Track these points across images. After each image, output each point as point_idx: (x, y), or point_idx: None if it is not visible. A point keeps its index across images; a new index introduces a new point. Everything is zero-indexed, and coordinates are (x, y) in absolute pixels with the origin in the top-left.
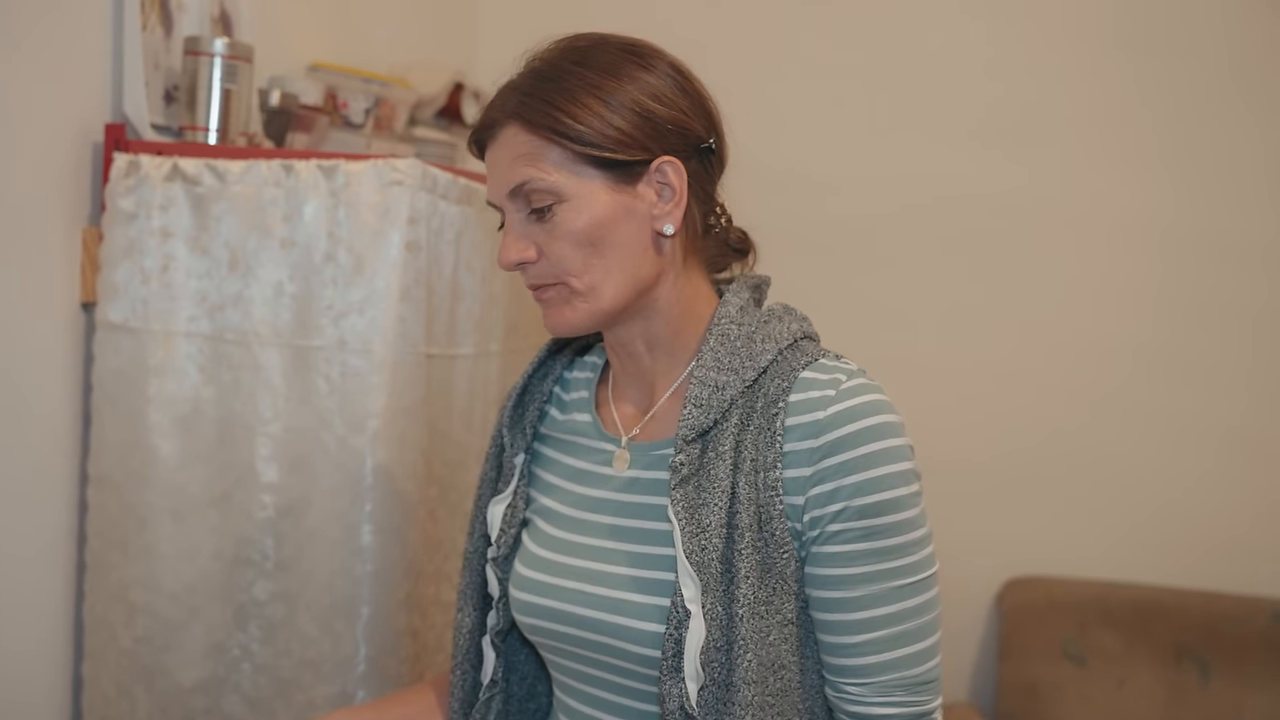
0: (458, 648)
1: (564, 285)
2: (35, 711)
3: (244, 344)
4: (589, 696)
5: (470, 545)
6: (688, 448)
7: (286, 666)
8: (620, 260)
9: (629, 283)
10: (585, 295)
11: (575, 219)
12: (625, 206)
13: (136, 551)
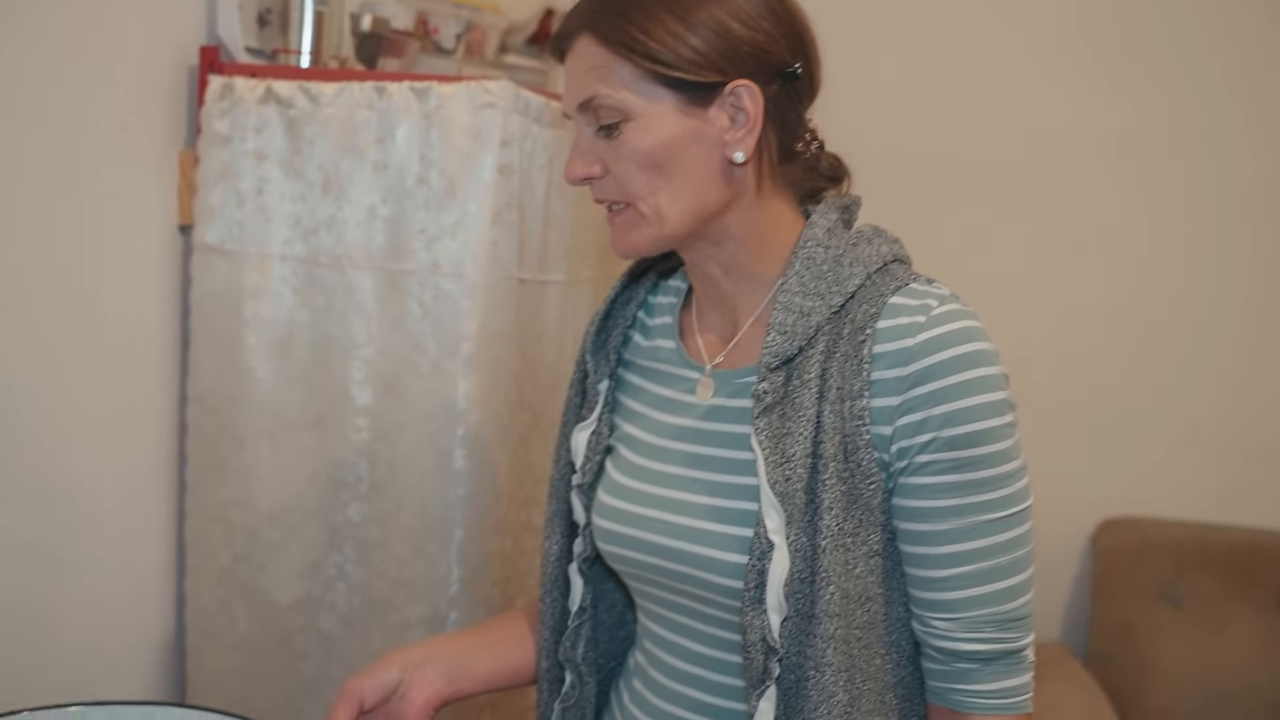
0: (546, 575)
1: (631, 207)
2: (143, 625)
3: (337, 267)
4: (672, 623)
5: (556, 472)
6: (771, 375)
7: (380, 587)
8: (686, 186)
9: (694, 209)
10: (649, 219)
11: (641, 140)
12: (694, 130)
13: (234, 472)
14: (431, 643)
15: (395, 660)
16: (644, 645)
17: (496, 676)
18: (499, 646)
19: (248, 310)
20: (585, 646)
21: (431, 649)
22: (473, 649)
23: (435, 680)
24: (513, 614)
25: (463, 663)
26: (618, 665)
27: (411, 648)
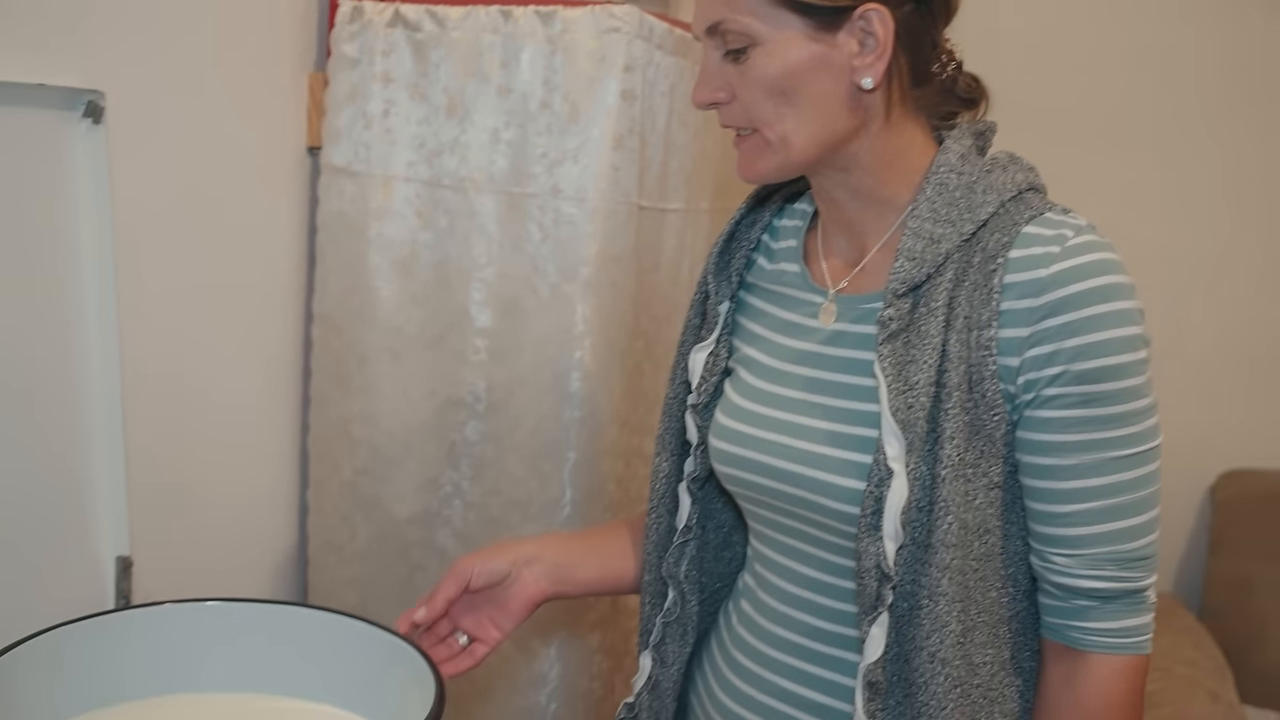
0: (654, 492)
1: (757, 133)
2: (268, 533)
3: (460, 190)
4: (785, 547)
5: (671, 391)
6: (897, 302)
7: (495, 505)
8: (813, 112)
9: (821, 136)
10: (775, 146)
11: (768, 65)
12: (822, 56)
13: (356, 388)
14: (544, 541)
15: (508, 551)
16: (754, 569)
17: (600, 583)
18: (606, 555)
19: (372, 231)
20: (689, 565)
21: (543, 547)
22: (582, 553)
23: (542, 579)
24: (620, 524)
25: (571, 565)
26: (723, 586)
27: (524, 542)
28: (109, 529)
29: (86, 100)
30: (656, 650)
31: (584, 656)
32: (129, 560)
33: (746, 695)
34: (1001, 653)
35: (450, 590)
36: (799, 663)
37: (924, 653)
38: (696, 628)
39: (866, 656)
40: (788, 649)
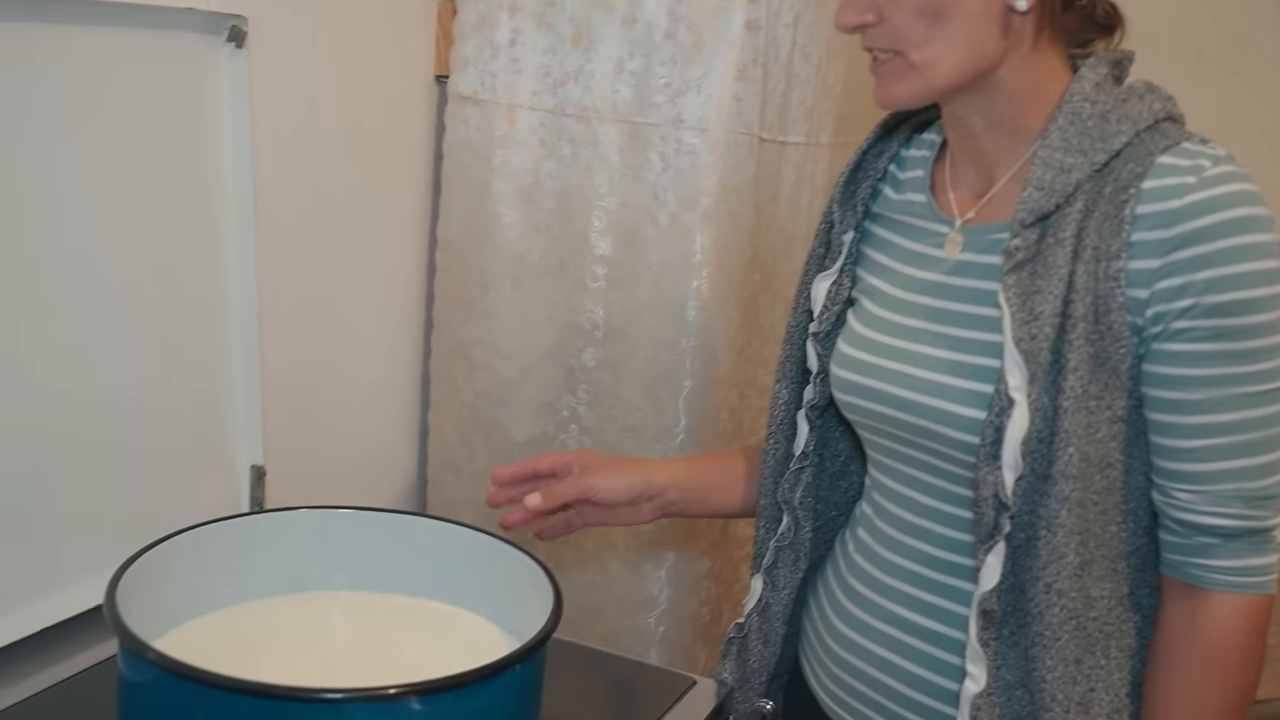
0: (773, 418)
1: (901, 57)
2: (390, 453)
3: (584, 119)
4: (904, 476)
5: (792, 320)
6: (1024, 232)
7: (610, 430)
8: (963, 35)
9: (969, 60)
10: (920, 69)
11: None
12: None
13: (478, 313)
14: (670, 470)
15: (633, 479)
16: (872, 497)
17: (714, 512)
18: (725, 485)
19: (496, 159)
20: (804, 491)
21: (669, 479)
22: (702, 487)
23: (658, 510)
24: (731, 452)
25: (688, 501)
26: (837, 515)
27: (651, 470)
28: (245, 440)
29: (230, 25)
30: (768, 573)
31: (693, 582)
32: (262, 470)
33: (861, 621)
34: (1119, 588)
35: (569, 496)
36: (915, 590)
37: (1040, 583)
38: (809, 554)
39: (981, 585)
40: (904, 576)
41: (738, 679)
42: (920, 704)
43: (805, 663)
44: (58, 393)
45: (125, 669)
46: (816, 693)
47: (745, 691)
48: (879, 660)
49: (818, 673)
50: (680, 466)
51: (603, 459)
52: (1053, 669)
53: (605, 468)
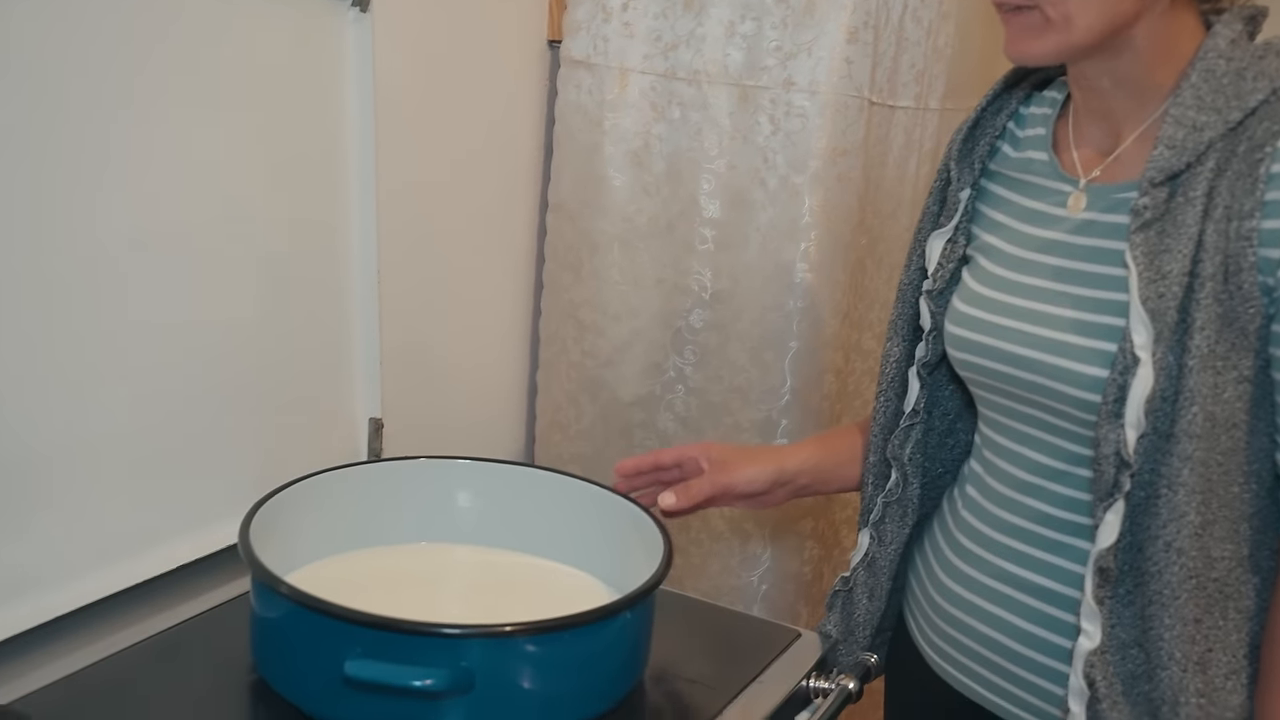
0: (884, 376)
1: (1037, 11)
2: (500, 411)
3: (694, 82)
4: (1018, 434)
5: (905, 277)
6: (1154, 191)
7: (716, 391)
8: None
9: (1106, 17)
10: (1057, 25)
11: None
12: None
13: (587, 275)
14: (801, 456)
15: (767, 469)
16: (983, 455)
17: (845, 486)
18: (853, 460)
19: (607, 122)
20: (913, 448)
21: (801, 465)
22: (831, 469)
23: (789, 494)
24: (849, 427)
25: (817, 483)
26: (945, 472)
27: (786, 457)
28: (363, 393)
29: None
30: (875, 528)
31: (796, 541)
32: (380, 422)
33: (969, 577)
34: (1240, 549)
35: (706, 494)
36: (1026, 548)
37: (1159, 542)
38: (917, 510)
39: (1099, 543)
40: (1015, 534)
41: (842, 632)
42: (1030, 660)
43: (910, 618)
44: (192, 349)
45: (257, 603)
46: (922, 648)
47: (849, 645)
48: (988, 616)
49: (924, 628)
50: (810, 450)
51: (729, 451)
52: (1170, 628)
53: (737, 462)
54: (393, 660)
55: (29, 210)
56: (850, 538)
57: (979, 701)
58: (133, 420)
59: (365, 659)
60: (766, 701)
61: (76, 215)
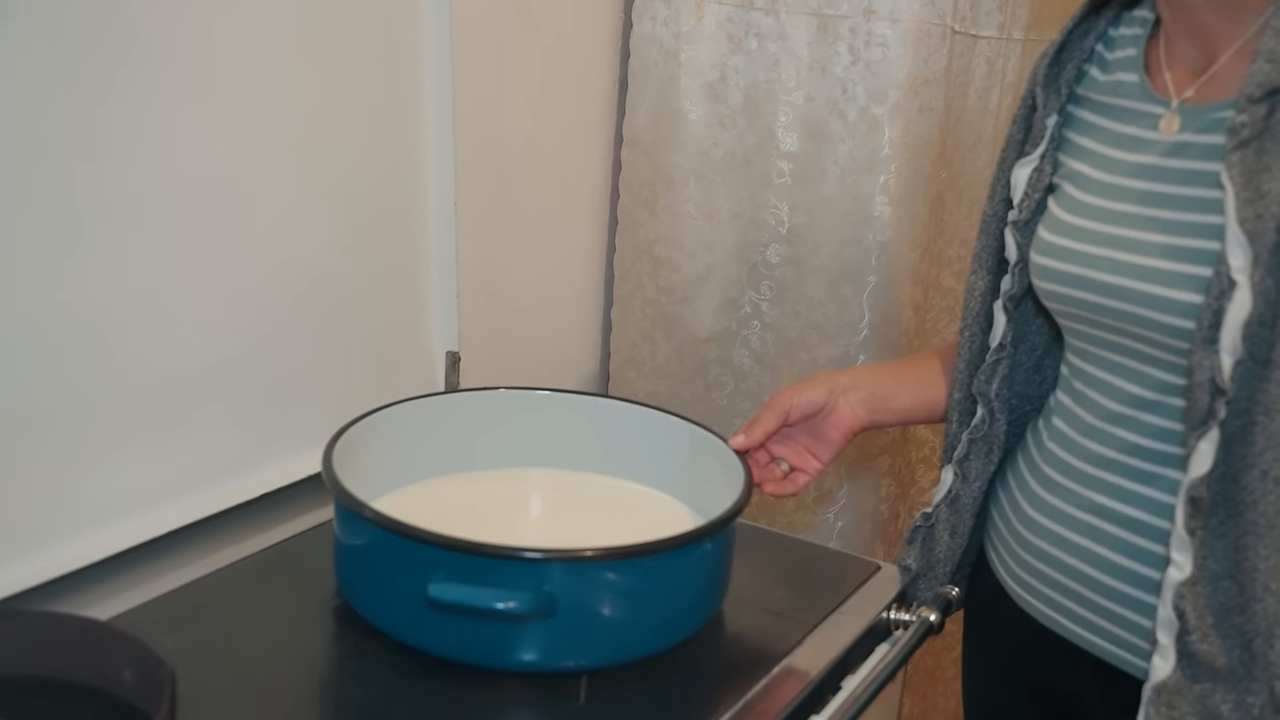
0: (968, 310)
1: None
2: (574, 349)
3: (772, 12)
4: (1108, 363)
5: (989, 209)
6: (1252, 108)
7: (793, 327)
8: None
9: None
10: None
11: None
12: None
13: (662, 209)
14: (857, 371)
15: (823, 382)
16: (1071, 386)
17: (914, 411)
18: (919, 384)
19: (683, 54)
20: (1000, 383)
21: (858, 377)
22: (896, 383)
23: (859, 408)
24: (927, 354)
25: (886, 395)
26: (1031, 409)
27: (839, 373)
28: (441, 326)
29: None
30: (960, 465)
31: (873, 479)
32: (456, 355)
33: (1056, 510)
34: None
35: (769, 423)
36: (1116, 478)
37: (1255, 470)
38: (1003, 446)
39: (1191, 472)
40: (1105, 465)
41: (922, 567)
42: (1118, 591)
43: (992, 552)
44: (276, 284)
45: (341, 528)
46: (1004, 581)
47: (928, 580)
48: (1075, 548)
49: (1006, 561)
50: (869, 368)
51: None
52: (1266, 559)
53: (795, 386)
54: (476, 583)
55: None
56: (927, 476)
57: (1063, 634)
58: (220, 353)
59: (448, 582)
60: (846, 633)
61: (167, 145)
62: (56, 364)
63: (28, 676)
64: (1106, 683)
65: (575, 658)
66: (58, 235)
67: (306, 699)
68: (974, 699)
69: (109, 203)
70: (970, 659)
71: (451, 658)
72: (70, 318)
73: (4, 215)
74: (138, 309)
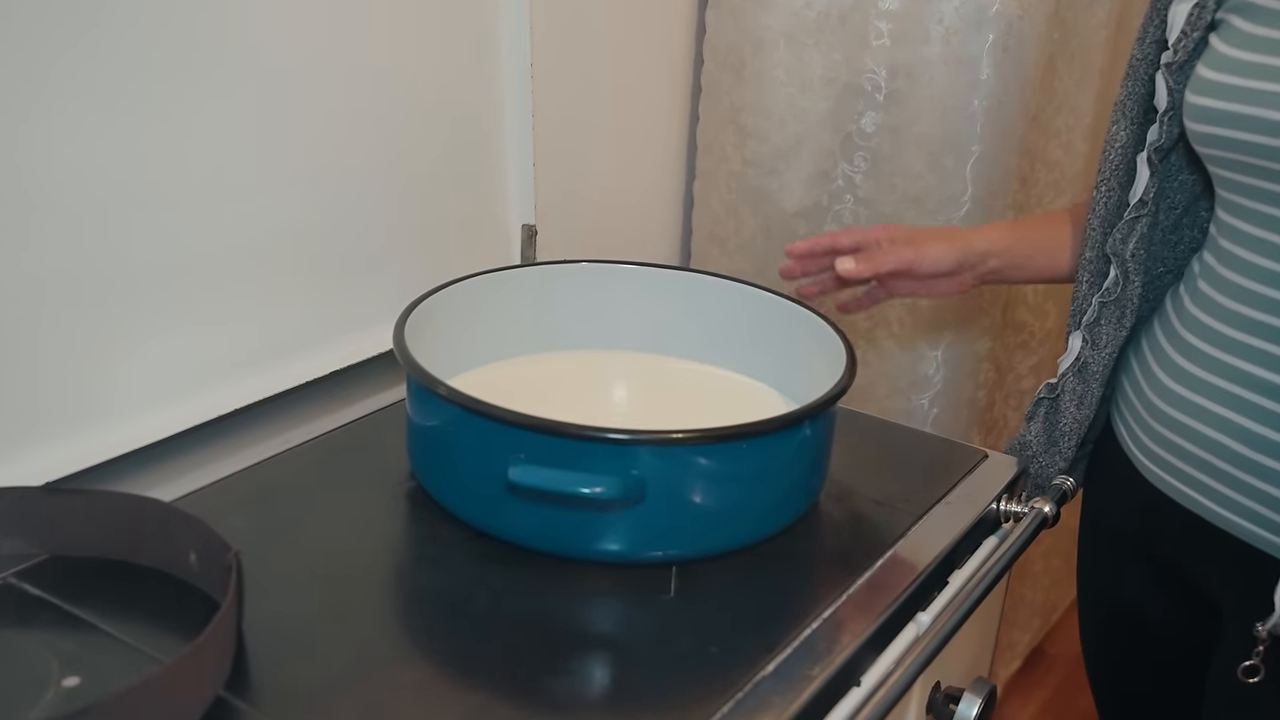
0: (1107, 162)
1: None
2: (655, 225)
3: None
4: (1264, 218)
5: (1139, 52)
6: None
7: (889, 201)
8: None
9: None
10: None
11: None
12: None
13: (749, 75)
14: (992, 236)
15: (956, 246)
16: (1219, 245)
17: (1037, 276)
18: (1050, 248)
19: None
20: (1137, 242)
21: (991, 245)
22: (1027, 253)
23: (978, 278)
24: (1056, 212)
25: (1012, 266)
26: (1166, 271)
27: (973, 235)
28: (517, 199)
29: None
30: (1089, 330)
31: (971, 363)
32: (533, 229)
33: (1196, 378)
34: None
35: (889, 265)
36: (1264, 343)
37: None
38: (1135, 311)
39: None
40: (1252, 329)
41: (1044, 443)
42: (1262, 466)
43: (1120, 424)
44: (348, 157)
45: (414, 407)
46: (1134, 456)
47: (1050, 456)
48: (1216, 419)
49: (1136, 434)
50: (1002, 232)
51: (914, 229)
52: None
53: (923, 239)
54: (559, 467)
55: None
56: (1025, 362)
57: (1199, 512)
58: (289, 223)
59: (530, 465)
60: (955, 524)
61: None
62: (119, 231)
63: (89, 558)
64: (1244, 563)
65: (664, 547)
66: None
67: (378, 586)
68: (1091, 579)
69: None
70: (1089, 538)
71: (532, 546)
72: (132, 183)
73: (70, 76)
74: (204, 176)
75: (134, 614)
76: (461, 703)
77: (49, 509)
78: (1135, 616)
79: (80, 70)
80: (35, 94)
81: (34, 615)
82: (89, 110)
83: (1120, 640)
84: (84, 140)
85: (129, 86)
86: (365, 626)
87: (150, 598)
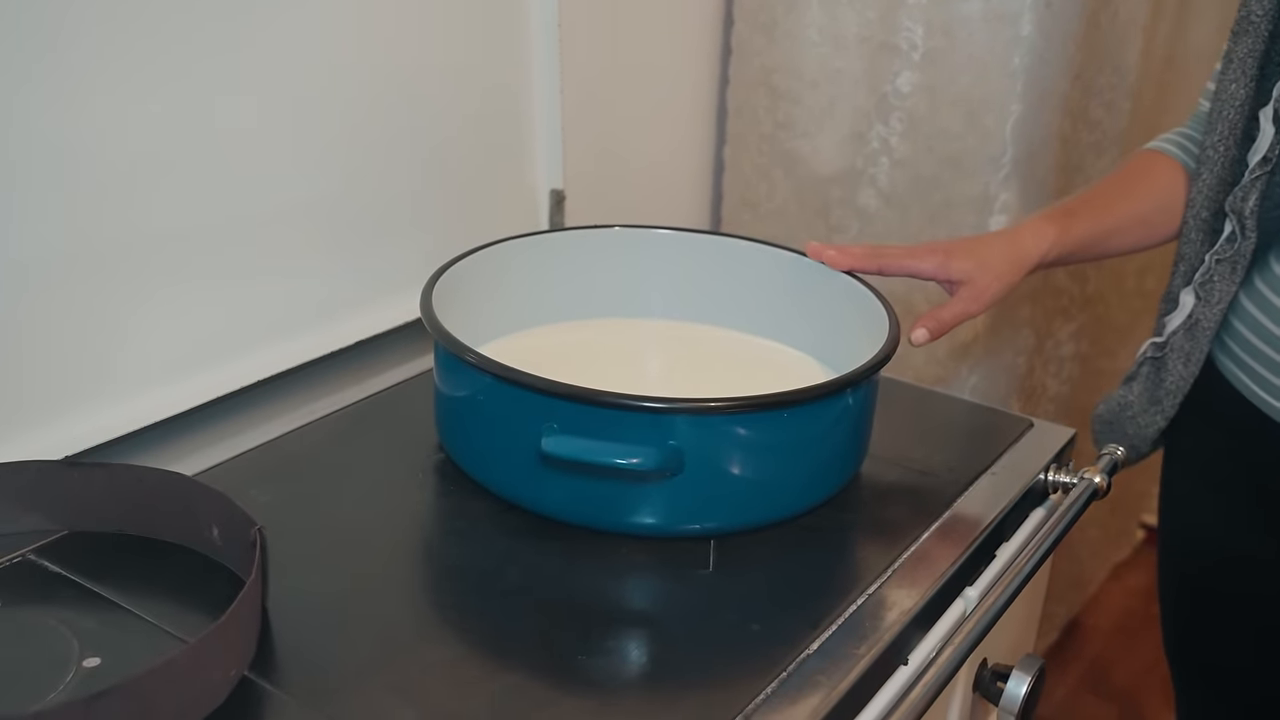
0: (1223, 120)
1: None
2: (684, 190)
3: None
4: None
5: (1258, 8)
6: None
7: (926, 163)
8: None
9: None
10: None
11: None
12: None
13: (781, 35)
14: (1068, 233)
15: (1014, 258)
16: None
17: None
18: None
19: None
20: (1257, 199)
21: (1055, 243)
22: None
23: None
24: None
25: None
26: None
27: (1047, 245)
28: (545, 164)
29: None
30: (1201, 288)
31: (1011, 330)
32: (561, 194)
33: None
34: None
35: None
36: None
37: None
38: (1247, 265)
39: None
40: None
41: (1145, 402)
42: None
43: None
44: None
45: (442, 376)
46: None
47: (1151, 415)
48: None
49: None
50: (1077, 223)
51: (969, 257)
52: None
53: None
54: (593, 437)
55: None
56: (1064, 329)
57: None
58: (318, 193)
59: (563, 435)
60: (1001, 496)
61: None
62: (142, 200)
63: (109, 533)
64: None
65: (702, 520)
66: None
67: (407, 560)
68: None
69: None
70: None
71: (565, 518)
72: (159, 150)
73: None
74: (231, 144)
75: (155, 591)
76: (494, 683)
77: (68, 483)
78: (1242, 564)
79: (100, 40)
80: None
81: (54, 593)
82: (123, 77)
83: (1216, 603)
84: (111, 108)
85: (160, 56)
86: (393, 604)
87: (172, 574)
